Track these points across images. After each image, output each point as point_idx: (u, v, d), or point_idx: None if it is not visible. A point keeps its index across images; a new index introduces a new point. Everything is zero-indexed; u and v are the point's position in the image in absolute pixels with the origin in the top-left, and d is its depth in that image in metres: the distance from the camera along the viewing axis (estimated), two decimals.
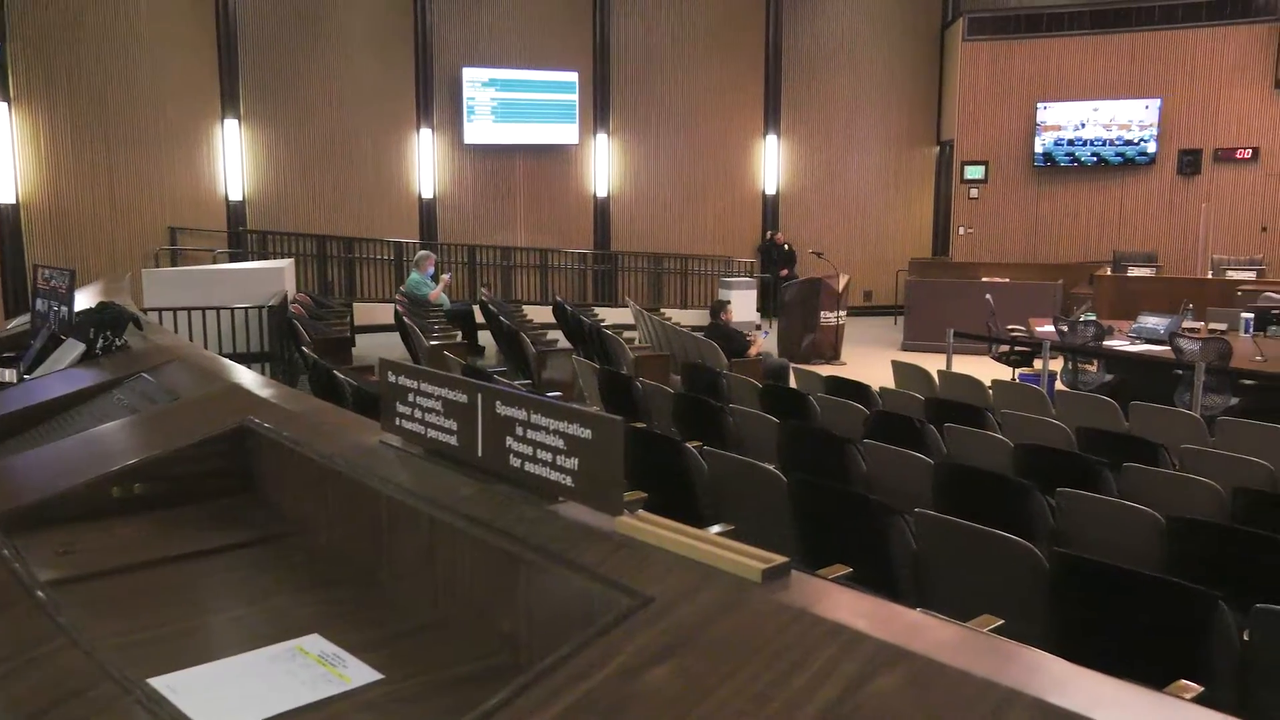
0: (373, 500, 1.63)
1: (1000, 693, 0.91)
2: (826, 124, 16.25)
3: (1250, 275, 11.48)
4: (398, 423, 1.74)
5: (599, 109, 15.08)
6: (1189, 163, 13.84)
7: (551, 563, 1.29)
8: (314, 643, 1.37)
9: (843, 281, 12.02)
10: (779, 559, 1.15)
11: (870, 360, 11.28)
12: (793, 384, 7.80)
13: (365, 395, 4.88)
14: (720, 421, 5.55)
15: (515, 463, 1.46)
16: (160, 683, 1.23)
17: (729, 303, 9.93)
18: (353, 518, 1.71)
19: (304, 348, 7.08)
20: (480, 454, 1.54)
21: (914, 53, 16.39)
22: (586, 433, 1.33)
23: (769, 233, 15.78)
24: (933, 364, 7.85)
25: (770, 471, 4.03)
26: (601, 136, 15.17)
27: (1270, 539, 3.41)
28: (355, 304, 12.68)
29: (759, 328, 12.63)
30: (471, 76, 14.25)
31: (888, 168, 16.56)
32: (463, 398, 1.57)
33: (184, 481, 2.00)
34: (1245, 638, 2.78)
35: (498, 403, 1.49)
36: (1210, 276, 11.75)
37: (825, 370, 8.73)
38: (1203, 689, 2.56)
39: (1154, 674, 2.61)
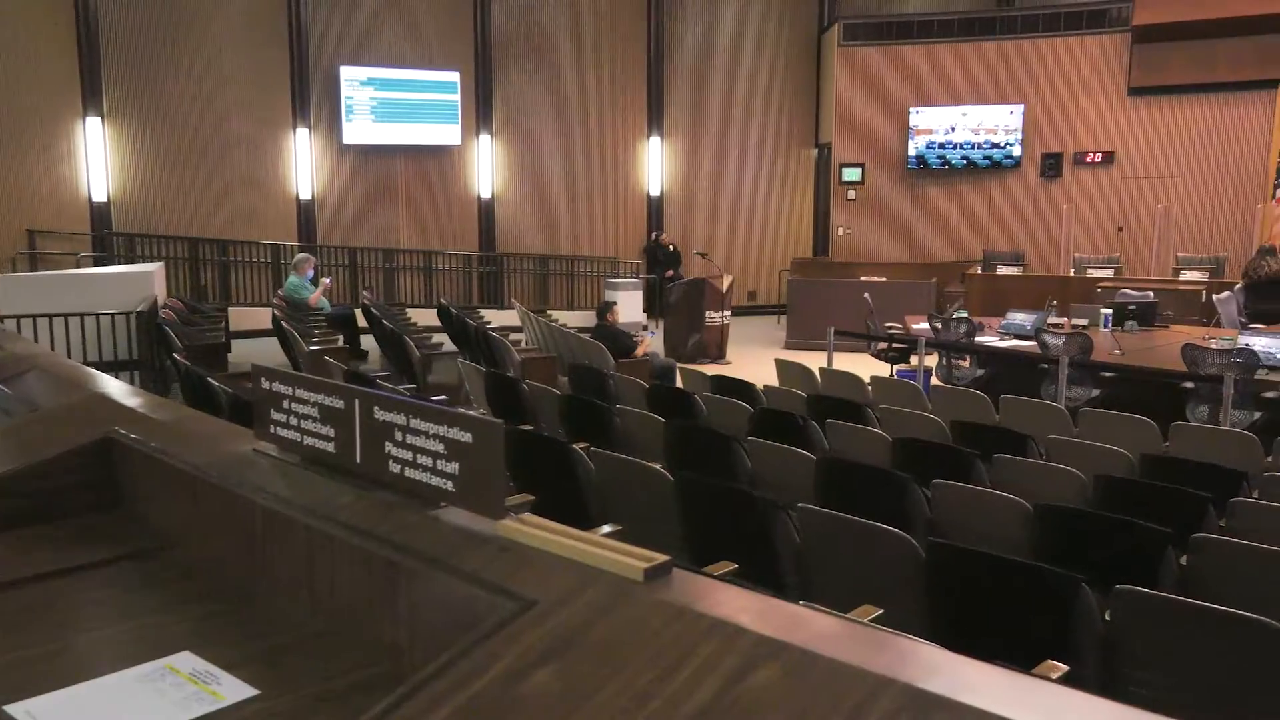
0: (247, 511, 1.58)
1: (871, 680, 0.93)
2: (709, 126, 16.46)
3: (1108, 273, 12.09)
4: (272, 430, 1.69)
5: (481, 109, 14.95)
6: (1051, 166, 14.50)
7: (433, 569, 1.27)
8: (185, 660, 1.33)
9: (727, 281, 12.19)
10: (661, 558, 1.16)
11: (755, 359, 11.47)
12: (679, 384, 7.87)
13: (241, 403, 4.73)
14: (608, 422, 5.57)
15: (395, 468, 1.43)
16: (20, 709, 1.17)
17: (615, 304, 9.97)
18: (226, 530, 1.65)
19: (175, 355, 6.82)
20: (359, 460, 1.51)
21: (792, 57, 16.74)
22: (467, 436, 1.32)
23: (654, 234, 15.90)
24: (815, 361, 8.03)
25: (657, 471, 4.06)
26: (484, 137, 15.05)
27: (1128, 522, 3.59)
28: (231, 309, 12.27)
29: (645, 328, 12.71)
30: (349, 75, 13.95)
31: (769, 169, 16.87)
32: (339, 403, 1.54)
33: (45, 497, 1.90)
34: (1107, 617, 2.93)
35: (376, 408, 1.47)
36: (1072, 274, 12.32)
37: (711, 369, 8.83)
38: (1068, 668, 2.68)
39: (1024, 655, 2.72)
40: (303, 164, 13.96)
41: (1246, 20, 12.64)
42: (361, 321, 10.91)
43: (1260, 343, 7.34)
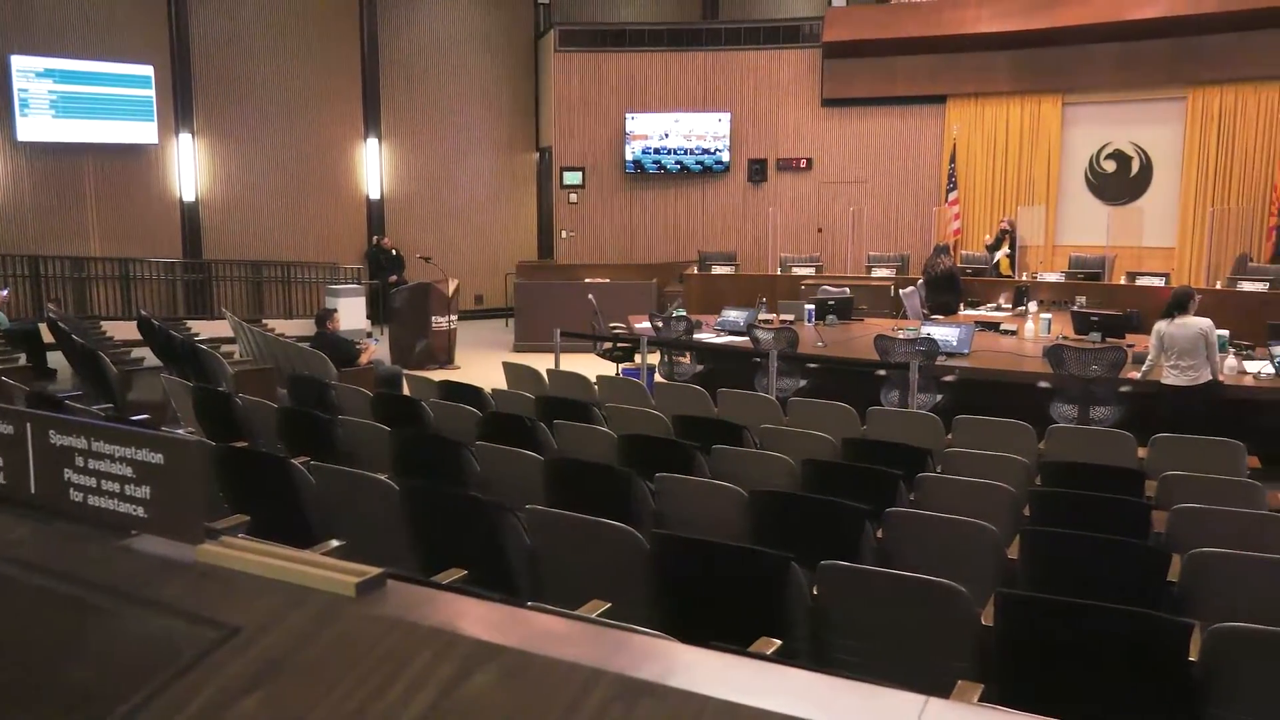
0: None
1: (585, 673, 0.96)
2: (429, 128, 16.21)
3: (811, 271, 12.99)
4: None
5: (180, 106, 13.95)
6: (757, 171, 15.40)
7: (123, 604, 1.18)
8: None
9: (453, 286, 12.06)
10: (374, 571, 1.14)
11: (484, 363, 11.41)
12: (406, 391, 7.71)
13: None
14: (330, 434, 5.36)
15: (76, 497, 1.32)
16: None
17: (336, 311, 9.61)
18: None
19: None
20: (33, 490, 1.37)
21: (512, 60, 16.80)
22: (158, 458, 1.23)
23: (375, 238, 15.47)
24: (543, 363, 8.10)
25: (382, 481, 3.96)
26: (185, 136, 14.05)
27: (832, 502, 3.88)
28: None
29: (369, 335, 12.35)
30: (23, 65, 12.60)
31: (492, 173, 16.85)
32: (7, 428, 1.39)
33: None
34: (815, 592, 3.15)
35: (52, 431, 1.34)
36: (779, 273, 13.13)
37: (439, 375, 8.71)
38: (782, 642, 2.86)
39: (742, 634, 2.87)
40: None
41: (920, 40, 13.98)
42: (48, 337, 9.90)
43: (939, 332, 8.14)
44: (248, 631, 1.07)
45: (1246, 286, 10.37)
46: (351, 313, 12.34)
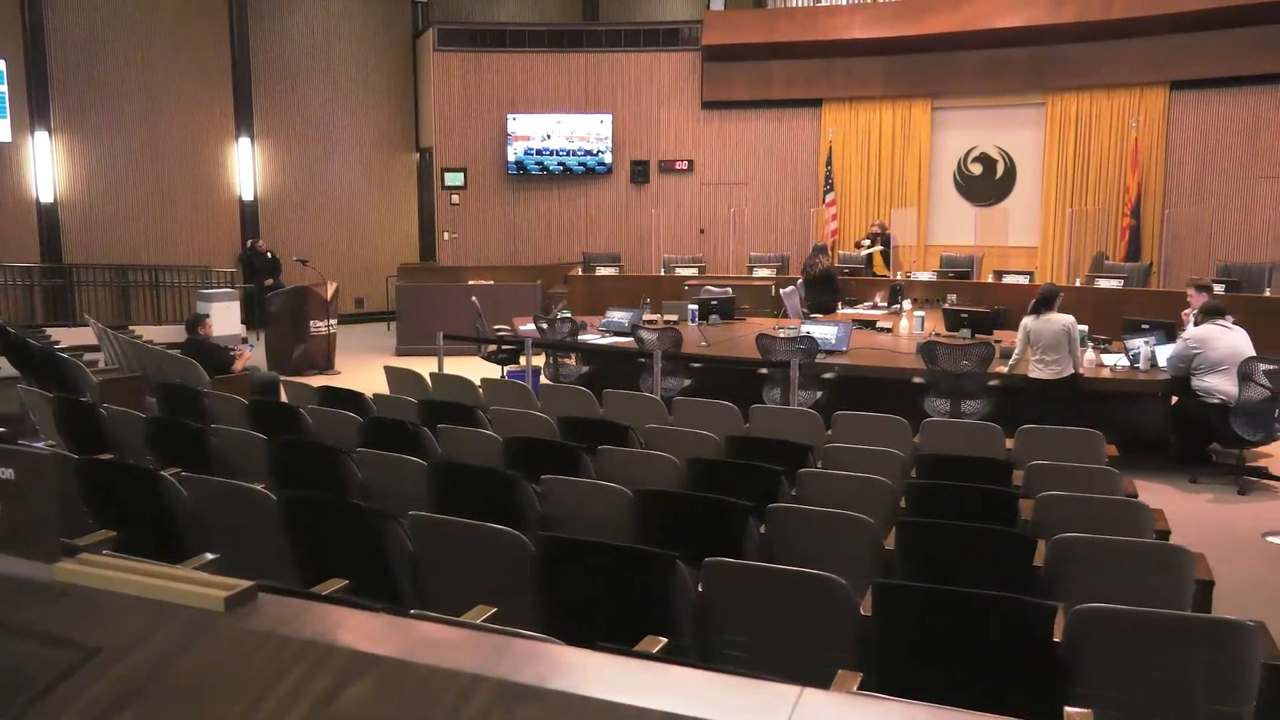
0: None
1: (465, 680, 0.95)
2: (305, 128, 15.81)
3: (694, 271, 13.13)
4: None
5: (36, 103, 13.26)
6: (639, 172, 15.49)
7: None
8: None
9: (331, 289, 11.79)
10: (244, 584, 1.11)
11: (365, 367, 11.20)
12: (283, 398, 7.50)
13: None
14: (202, 444, 5.17)
15: None
16: None
17: (208, 316, 9.28)
18: None
19: None
20: None
21: (389, 60, 16.51)
22: (8, 473, 1.17)
23: (250, 240, 15.00)
24: (426, 367, 7.99)
25: (257, 491, 3.84)
26: (42, 134, 13.36)
27: (716, 500, 3.93)
28: None
29: (244, 341, 11.98)
30: None
31: (372, 173, 16.53)
32: None
33: None
34: (700, 589, 3.19)
35: None
36: (663, 274, 13.24)
37: (318, 381, 8.50)
38: (668, 640, 2.88)
39: (629, 633, 2.89)
40: None
41: (795, 45, 14.29)
42: None
43: (818, 331, 8.33)
44: (109, 652, 1.03)
45: (1104, 284, 10.91)
46: (225, 318, 11.92)
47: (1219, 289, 9.89)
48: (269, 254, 14.77)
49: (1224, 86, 12.25)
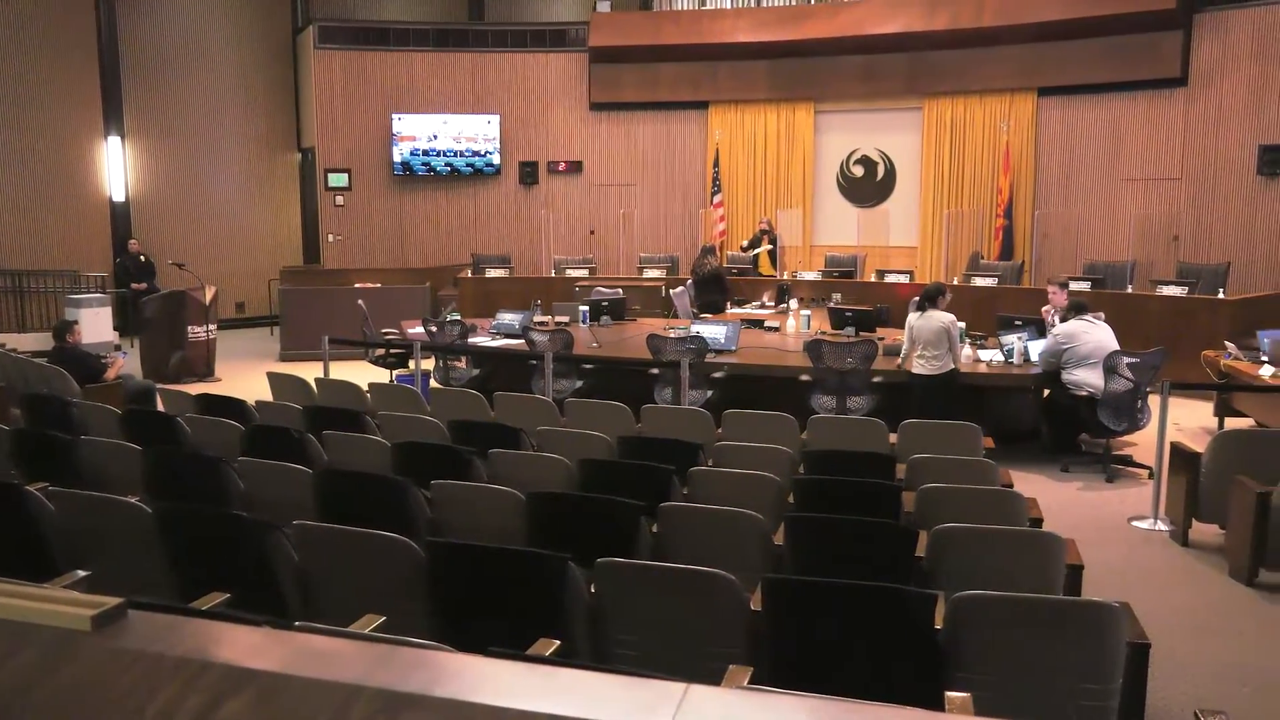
0: None
1: (346, 690, 0.93)
2: (181, 127, 15.26)
3: (584, 273, 13.12)
4: None
5: None
6: (528, 173, 15.41)
7: None
8: None
9: (210, 293, 11.41)
10: (113, 601, 1.06)
11: (247, 374, 10.88)
12: (160, 406, 7.23)
13: None
14: (72, 456, 4.95)
15: None
16: None
17: (77, 323, 8.88)
18: None
19: None
20: None
21: (268, 57, 16.06)
22: None
23: (131, 244, 14.38)
24: (312, 372, 7.80)
25: (132, 504, 3.69)
26: None
27: (608, 500, 3.95)
28: None
29: (117, 348, 11.48)
30: None
31: (252, 174, 16.05)
32: None
33: None
34: (593, 590, 3.20)
35: None
36: (554, 275, 13.20)
37: (197, 389, 8.22)
38: (561, 642, 2.88)
39: (522, 637, 2.88)
40: None
41: (681, 48, 14.42)
42: None
43: (708, 330, 8.43)
44: None
45: (979, 282, 11.32)
46: (96, 324, 11.41)
47: (1085, 286, 10.39)
48: (142, 257, 14.20)
49: (1087, 93, 12.84)
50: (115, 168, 14.67)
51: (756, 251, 13.21)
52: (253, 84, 15.90)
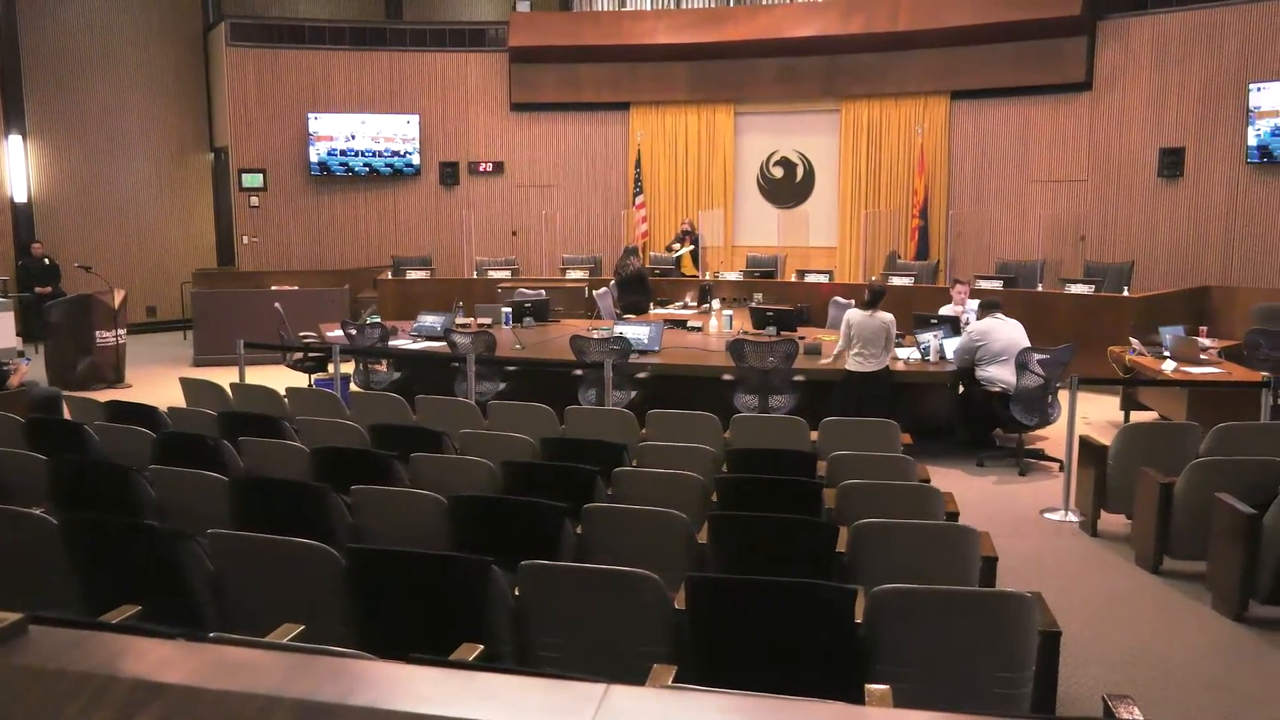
0: None
1: (260, 702, 0.92)
2: (86, 126, 14.78)
3: (507, 274, 13.04)
4: None
5: None
6: (449, 174, 15.26)
7: None
8: None
9: (119, 297, 11.07)
10: (12, 617, 1.03)
11: (159, 379, 10.59)
12: (66, 414, 6.99)
13: None
14: None
15: None
16: None
17: None
18: None
19: None
20: None
21: (178, 55, 15.64)
22: None
23: (36, 247, 13.86)
24: (227, 377, 7.62)
25: (36, 516, 3.57)
26: None
27: (531, 502, 3.93)
28: None
29: (20, 354, 11.06)
30: None
31: (162, 175, 15.61)
32: None
33: None
34: (517, 593, 3.18)
35: None
36: (475, 277, 13.10)
37: (106, 395, 7.97)
38: (484, 647, 2.86)
39: (445, 643, 2.85)
40: None
41: (602, 49, 14.42)
42: None
43: (631, 331, 8.45)
44: None
45: (896, 281, 11.53)
46: None
47: (997, 285, 10.67)
48: (46, 260, 13.71)
49: (997, 96, 13.18)
50: (16, 168, 14.15)
51: (679, 253, 13.28)
52: (162, 82, 15.47)
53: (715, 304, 10.95)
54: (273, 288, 12.30)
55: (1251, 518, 4.54)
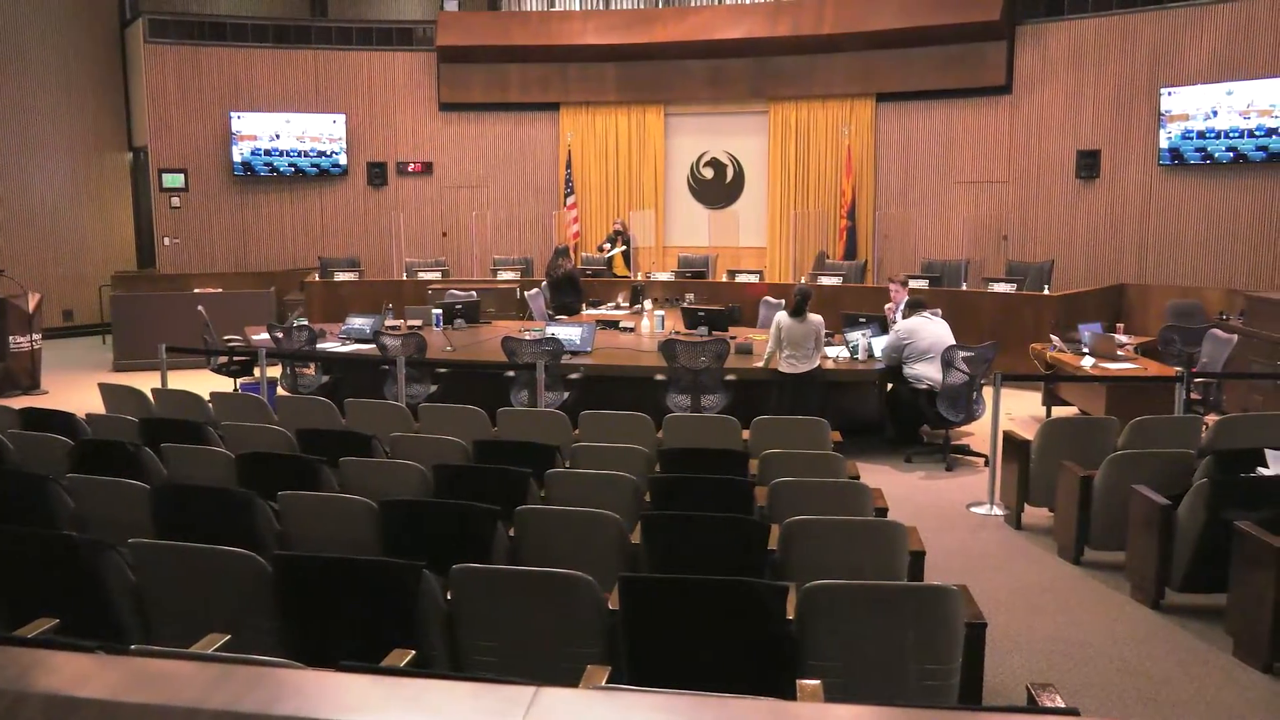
0: None
1: (181, 714, 0.90)
2: None
3: (437, 275, 12.92)
4: None
5: None
6: (377, 175, 15.07)
7: None
8: None
9: (34, 301, 10.73)
10: None
11: (77, 385, 10.30)
12: None
13: None
14: None
15: None
16: None
17: None
18: None
19: None
20: None
21: (93, 52, 15.20)
22: None
23: None
24: (149, 383, 7.43)
25: None
26: None
27: (463, 505, 3.90)
28: None
29: None
30: None
31: (77, 175, 15.16)
32: None
33: None
34: (449, 597, 3.15)
35: None
36: (405, 278, 12.96)
37: (21, 402, 7.74)
38: (416, 652, 2.83)
39: (376, 649, 2.82)
40: None
41: (530, 49, 14.37)
42: None
43: (563, 332, 8.44)
44: None
45: (825, 281, 11.68)
46: None
47: (923, 284, 10.87)
48: None
49: (921, 99, 13.42)
50: None
51: (611, 253, 13.29)
52: (76, 79, 15.02)
53: (647, 304, 10.97)
54: (195, 290, 12.03)
55: (1166, 509, 4.69)
